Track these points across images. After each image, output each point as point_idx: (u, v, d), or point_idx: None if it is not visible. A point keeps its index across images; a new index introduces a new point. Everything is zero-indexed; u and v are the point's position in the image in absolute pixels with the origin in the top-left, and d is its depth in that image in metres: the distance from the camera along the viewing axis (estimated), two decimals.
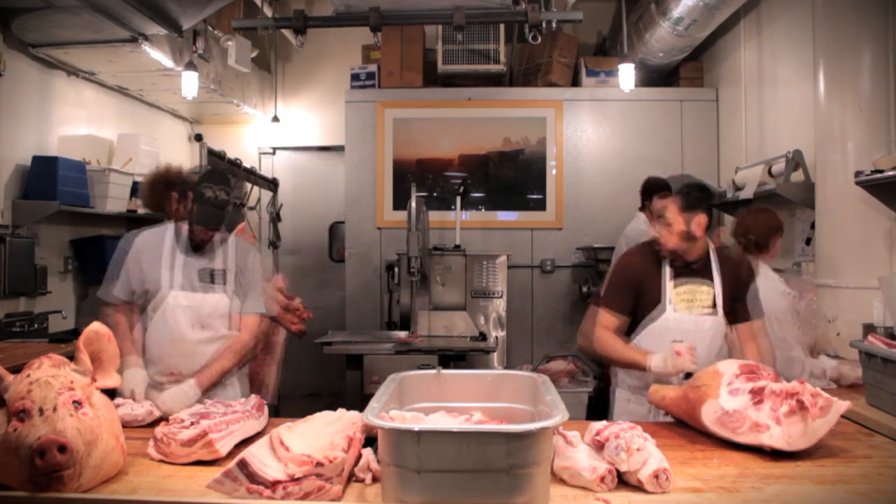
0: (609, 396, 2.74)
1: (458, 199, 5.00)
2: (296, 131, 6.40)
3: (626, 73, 4.47)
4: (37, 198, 3.96)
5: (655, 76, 5.47)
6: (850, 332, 2.84)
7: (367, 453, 1.58)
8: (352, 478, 1.56)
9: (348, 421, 1.73)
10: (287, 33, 5.79)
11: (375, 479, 1.53)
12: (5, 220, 3.92)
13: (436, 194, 5.33)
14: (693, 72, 5.49)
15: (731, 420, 1.75)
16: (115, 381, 1.65)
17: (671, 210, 2.37)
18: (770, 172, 3.97)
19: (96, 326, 1.64)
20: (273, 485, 1.37)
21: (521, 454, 1.33)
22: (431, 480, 1.34)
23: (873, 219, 3.08)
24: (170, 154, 5.47)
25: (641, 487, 1.47)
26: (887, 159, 2.88)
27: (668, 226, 2.36)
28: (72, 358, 1.59)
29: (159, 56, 4.29)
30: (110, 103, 5.07)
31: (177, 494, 1.47)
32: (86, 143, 4.56)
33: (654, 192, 3.55)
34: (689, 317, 2.36)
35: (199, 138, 6.26)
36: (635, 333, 2.44)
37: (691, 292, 2.38)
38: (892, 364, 2.07)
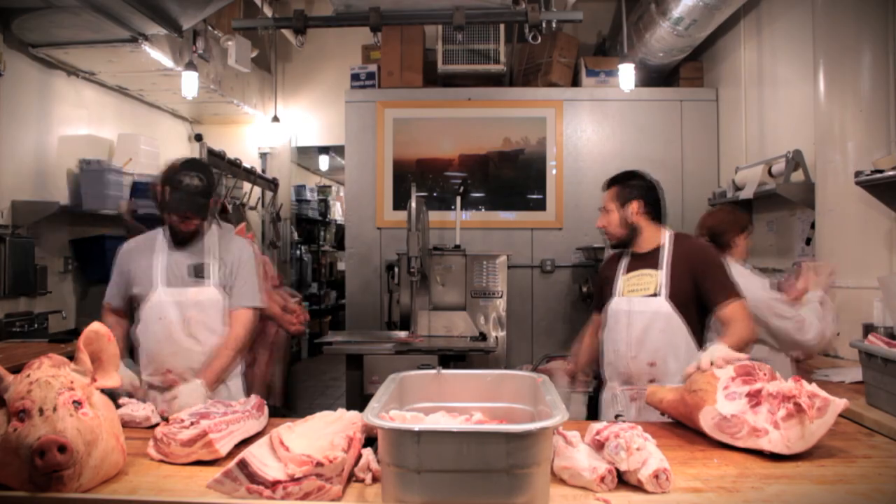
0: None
1: (458, 199, 5.00)
2: (296, 131, 6.41)
3: (626, 73, 4.47)
4: (89, 206, 3.97)
5: (655, 76, 5.47)
6: (850, 332, 2.84)
7: (367, 453, 1.58)
8: (352, 478, 1.55)
9: (348, 421, 1.73)
10: (287, 33, 5.81)
11: (375, 479, 1.53)
12: (5, 220, 3.92)
13: (436, 194, 5.34)
14: (693, 72, 5.50)
15: (729, 426, 1.75)
16: (115, 381, 1.64)
17: (606, 199, 2.51)
18: (770, 172, 3.97)
19: (96, 326, 1.64)
20: (273, 485, 1.37)
21: (521, 454, 1.33)
22: (431, 480, 1.34)
23: (873, 219, 3.08)
24: (170, 154, 5.43)
25: (641, 487, 1.46)
26: (887, 159, 2.88)
27: (607, 213, 2.50)
28: (72, 358, 1.58)
29: (159, 56, 4.29)
30: (110, 103, 5.07)
31: (177, 494, 1.46)
32: (86, 143, 4.57)
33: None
34: (627, 300, 2.44)
35: (199, 138, 6.26)
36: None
37: (638, 279, 2.45)
38: (893, 364, 2.06)
